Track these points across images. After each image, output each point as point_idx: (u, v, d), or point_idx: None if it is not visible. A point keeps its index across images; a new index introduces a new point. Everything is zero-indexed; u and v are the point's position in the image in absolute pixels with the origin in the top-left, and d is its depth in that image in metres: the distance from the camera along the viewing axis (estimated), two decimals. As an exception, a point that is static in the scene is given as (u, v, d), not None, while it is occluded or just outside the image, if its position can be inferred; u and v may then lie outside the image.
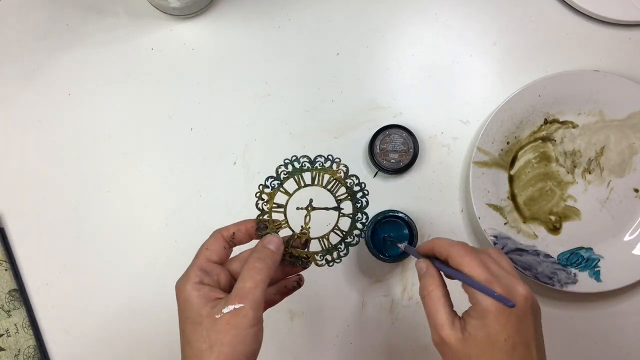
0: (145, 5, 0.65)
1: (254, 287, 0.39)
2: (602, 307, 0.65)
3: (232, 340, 0.38)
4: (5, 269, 0.63)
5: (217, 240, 0.44)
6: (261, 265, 0.41)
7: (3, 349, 0.62)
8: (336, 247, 0.46)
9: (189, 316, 0.40)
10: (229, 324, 0.38)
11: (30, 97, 0.65)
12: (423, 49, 0.66)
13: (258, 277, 0.40)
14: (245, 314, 0.38)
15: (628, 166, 0.64)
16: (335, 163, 0.45)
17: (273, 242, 0.43)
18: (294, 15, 0.66)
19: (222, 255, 0.44)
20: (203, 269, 0.42)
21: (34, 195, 0.64)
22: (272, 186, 0.46)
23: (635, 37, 0.66)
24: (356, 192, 0.46)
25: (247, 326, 0.38)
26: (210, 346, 0.38)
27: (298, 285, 0.48)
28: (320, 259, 0.46)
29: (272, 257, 0.42)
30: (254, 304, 0.39)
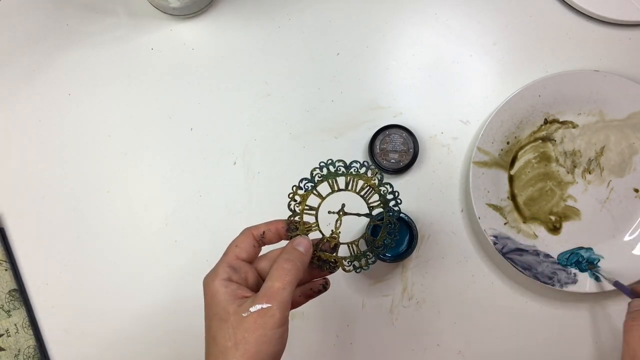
0: (145, 5, 0.65)
1: (282, 287, 0.40)
2: (602, 307, 0.65)
3: (258, 340, 0.38)
4: (5, 269, 0.63)
5: (247, 238, 0.44)
6: (290, 267, 0.41)
7: (3, 349, 0.62)
8: (365, 254, 0.46)
9: (215, 312, 0.40)
10: (255, 323, 0.38)
11: (30, 97, 0.65)
12: (423, 49, 0.66)
13: (287, 278, 0.40)
14: (273, 314, 0.39)
15: (628, 166, 0.64)
16: (371, 170, 0.45)
17: (303, 244, 0.43)
18: (294, 15, 0.66)
19: (251, 253, 0.44)
20: (232, 265, 0.42)
21: (34, 195, 0.64)
22: (306, 188, 0.45)
23: (635, 37, 0.66)
24: (389, 201, 0.46)
25: (273, 326, 0.38)
26: (236, 344, 0.38)
27: (324, 289, 0.47)
28: (348, 265, 0.45)
29: (301, 259, 0.42)
30: (281, 304, 0.39)
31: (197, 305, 0.51)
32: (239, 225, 0.65)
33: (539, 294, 0.65)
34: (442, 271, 0.64)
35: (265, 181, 0.65)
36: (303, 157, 0.65)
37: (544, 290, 0.64)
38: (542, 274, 0.62)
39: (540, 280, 0.61)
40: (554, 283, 0.62)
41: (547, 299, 0.65)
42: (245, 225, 0.49)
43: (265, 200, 0.65)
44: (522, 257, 0.62)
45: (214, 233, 0.64)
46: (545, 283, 0.61)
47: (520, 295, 0.65)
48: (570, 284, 0.62)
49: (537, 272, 0.62)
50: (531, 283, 0.63)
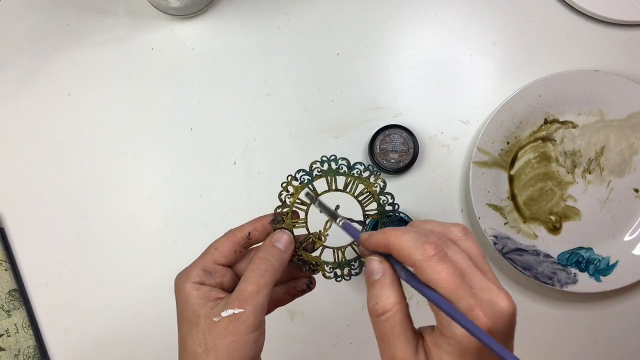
0: (145, 5, 0.65)
1: (257, 291, 0.37)
2: (602, 307, 0.65)
3: (229, 346, 0.36)
4: (5, 269, 0.63)
5: (228, 242, 0.41)
6: (266, 267, 0.38)
7: (3, 349, 0.62)
8: (349, 263, 0.42)
9: (186, 317, 0.38)
10: (227, 329, 0.36)
11: (30, 97, 0.65)
12: (423, 49, 0.66)
13: (262, 280, 0.37)
14: (245, 319, 0.36)
15: (628, 166, 0.64)
16: (374, 175, 0.42)
17: (282, 240, 0.40)
18: (294, 15, 0.66)
19: (230, 259, 0.40)
20: (206, 269, 0.39)
21: (34, 195, 0.64)
22: (302, 180, 0.42)
23: (635, 37, 0.66)
24: (386, 212, 0.42)
25: (247, 332, 0.36)
26: (207, 350, 0.36)
27: (308, 288, 0.44)
28: (330, 271, 0.42)
29: (279, 257, 0.39)
30: (255, 308, 0.36)
31: (197, 305, 0.51)
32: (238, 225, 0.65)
33: (539, 294, 0.65)
34: (442, 271, 0.64)
35: (265, 181, 0.65)
36: (303, 157, 0.65)
37: (544, 290, 0.64)
38: (542, 274, 0.62)
39: (540, 280, 0.61)
40: (554, 283, 0.62)
41: (547, 299, 0.65)
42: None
43: (265, 200, 0.65)
44: (522, 257, 0.62)
45: (214, 233, 0.64)
46: (545, 283, 0.61)
47: (520, 295, 0.65)
48: (570, 284, 0.62)
49: (537, 272, 0.62)
50: (531, 283, 0.63)
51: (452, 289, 0.31)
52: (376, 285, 0.35)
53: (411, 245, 0.32)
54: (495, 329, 0.31)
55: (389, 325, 0.34)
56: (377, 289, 0.34)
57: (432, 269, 0.31)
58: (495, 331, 0.31)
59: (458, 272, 0.32)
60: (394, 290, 0.34)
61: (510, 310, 0.32)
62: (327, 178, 0.42)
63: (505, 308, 0.31)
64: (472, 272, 0.33)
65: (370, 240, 0.35)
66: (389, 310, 0.34)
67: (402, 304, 0.34)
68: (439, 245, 0.32)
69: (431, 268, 0.31)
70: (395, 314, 0.33)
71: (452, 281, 0.31)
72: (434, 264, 0.31)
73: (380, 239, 0.34)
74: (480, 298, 0.31)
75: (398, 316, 0.33)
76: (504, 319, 0.31)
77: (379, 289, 0.34)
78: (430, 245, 0.32)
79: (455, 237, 0.35)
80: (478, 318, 0.30)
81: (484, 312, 0.30)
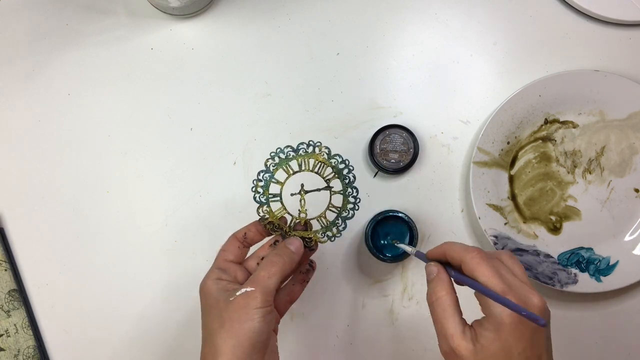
0: (145, 5, 0.65)
1: (267, 276, 0.44)
2: (602, 307, 0.65)
3: (240, 317, 0.42)
4: (5, 269, 0.63)
5: (232, 242, 0.49)
6: (277, 260, 0.45)
7: (3, 349, 0.62)
8: (334, 223, 0.49)
9: (207, 303, 0.45)
10: (239, 304, 0.42)
11: (30, 97, 0.65)
12: (423, 49, 0.66)
13: (273, 268, 0.44)
14: (255, 296, 0.42)
15: (628, 166, 0.64)
16: (317, 147, 0.49)
17: (294, 244, 0.47)
18: (294, 15, 0.66)
19: (237, 254, 0.49)
20: (221, 267, 0.47)
21: (34, 195, 0.64)
22: (265, 179, 0.49)
23: (635, 37, 0.66)
24: (342, 170, 0.49)
25: (255, 306, 0.42)
26: (222, 323, 0.42)
27: (311, 267, 0.51)
28: (322, 236, 0.49)
29: (290, 255, 0.46)
30: (264, 289, 0.43)
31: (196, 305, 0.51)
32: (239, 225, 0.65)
33: (539, 294, 0.65)
34: (442, 271, 0.64)
35: (265, 181, 0.65)
36: (303, 157, 0.65)
37: (544, 290, 0.64)
38: (542, 274, 0.62)
39: (540, 280, 0.61)
40: (554, 283, 0.62)
41: (547, 299, 0.64)
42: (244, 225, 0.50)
43: (265, 200, 0.65)
44: (522, 257, 0.62)
45: (214, 233, 0.64)
46: (545, 283, 0.61)
47: (521, 295, 0.65)
48: (570, 284, 0.62)
49: (537, 272, 0.62)
50: (531, 283, 0.63)
51: (489, 277, 0.41)
52: (432, 282, 0.45)
53: (460, 249, 0.44)
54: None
55: (441, 309, 0.43)
56: (432, 284, 0.45)
57: (475, 263, 0.42)
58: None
59: (496, 270, 0.42)
60: (444, 283, 0.44)
61: (541, 304, 0.41)
62: (282, 167, 0.49)
63: (537, 302, 0.41)
64: (511, 277, 0.42)
65: (432, 252, 0.47)
66: (440, 297, 0.43)
67: (451, 295, 0.43)
68: (481, 251, 0.43)
69: (474, 263, 0.42)
70: (444, 300, 0.43)
71: (489, 272, 0.41)
72: (477, 260, 0.42)
73: (438, 249, 0.46)
74: (515, 289, 0.41)
75: (447, 301, 0.43)
76: (534, 309, 0.41)
77: (434, 283, 0.44)
78: (474, 249, 0.43)
79: (501, 258, 0.45)
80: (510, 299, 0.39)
81: (516, 298, 0.40)
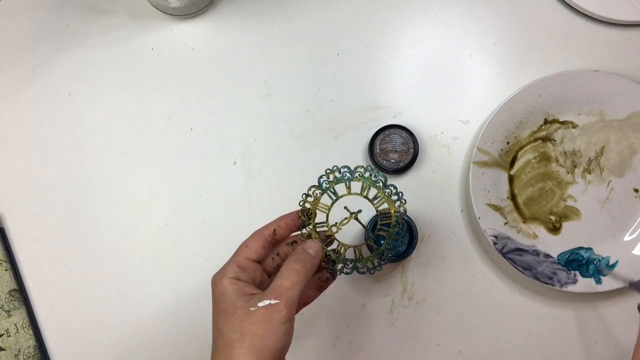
0: (145, 5, 0.65)
1: (291, 286, 0.41)
2: (602, 307, 0.65)
3: (264, 333, 0.39)
4: (5, 269, 0.63)
5: (258, 240, 0.46)
6: (300, 267, 0.42)
7: (3, 349, 0.62)
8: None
9: (222, 307, 0.42)
10: (262, 317, 0.40)
11: (30, 97, 0.65)
12: (423, 49, 0.66)
13: (296, 277, 0.42)
14: (280, 310, 0.40)
15: (628, 166, 0.64)
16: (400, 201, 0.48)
17: (313, 247, 0.45)
18: (294, 15, 0.66)
19: (260, 254, 0.45)
20: (241, 265, 0.44)
21: (34, 195, 0.64)
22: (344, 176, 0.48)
23: (635, 37, 0.66)
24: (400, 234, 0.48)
25: (280, 322, 0.40)
26: (242, 336, 0.40)
27: (332, 276, 0.49)
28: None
29: (311, 261, 0.44)
30: (289, 301, 0.41)
31: (196, 305, 0.51)
32: (239, 225, 0.65)
33: (539, 294, 0.65)
34: (442, 271, 0.64)
35: (265, 181, 0.65)
36: (303, 157, 0.65)
37: (544, 290, 0.64)
38: (542, 274, 0.62)
39: (540, 280, 0.61)
40: (554, 283, 0.62)
41: (547, 299, 0.65)
42: (244, 225, 0.50)
43: (265, 200, 0.65)
44: (522, 257, 0.62)
45: (214, 233, 0.64)
46: (545, 283, 0.61)
47: (520, 295, 0.65)
48: (570, 284, 0.62)
49: (537, 272, 0.62)
50: (531, 283, 0.63)
51: None
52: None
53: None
54: None
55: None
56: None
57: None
58: None
59: None
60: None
61: None
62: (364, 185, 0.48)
63: None
64: None
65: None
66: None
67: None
68: None
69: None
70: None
71: None
72: None
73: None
74: None
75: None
76: None
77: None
78: None
79: None
80: None
81: None
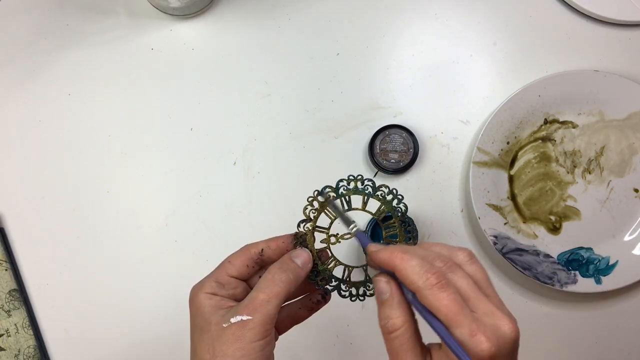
0: (145, 5, 0.65)
1: (267, 300, 0.37)
2: (602, 307, 0.65)
3: (235, 353, 0.36)
4: (5, 269, 0.63)
5: (242, 256, 0.41)
6: (280, 277, 0.38)
7: (3, 349, 0.62)
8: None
9: (197, 323, 0.39)
10: (234, 335, 0.36)
11: (30, 97, 0.65)
12: (423, 49, 0.66)
13: (274, 289, 0.37)
14: (253, 327, 0.36)
15: (628, 166, 0.64)
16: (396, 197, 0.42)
17: (301, 257, 0.40)
18: (294, 15, 0.66)
19: (242, 272, 0.41)
20: (220, 281, 0.40)
21: (34, 195, 0.64)
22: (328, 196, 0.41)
23: (635, 37, 0.66)
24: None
25: (252, 339, 0.36)
26: (214, 356, 0.36)
27: (324, 299, 0.43)
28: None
29: (296, 271, 0.39)
30: (263, 317, 0.37)
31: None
32: (239, 225, 0.65)
33: (539, 294, 0.65)
34: (442, 271, 0.64)
35: (265, 181, 0.65)
36: (303, 157, 0.65)
37: (544, 290, 0.64)
38: (542, 274, 0.62)
39: (540, 280, 0.61)
40: (554, 283, 0.62)
41: (547, 299, 0.65)
42: (244, 225, 0.49)
43: (265, 200, 0.65)
44: (522, 257, 0.62)
45: (214, 233, 0.64)
46: (545, 283, 0.61)
47: (520, 295, 0.65)
48: (570, 284, 0.62)
49: (537, 272, 0.62)
50: (531, 283, 0.63)
51: (453, 315, 0.32)
52: (385, 305, 0.36)
53: (415, 273, 0.34)
54: (499, 354, 0.31)
55: (399, 342, 0.35)
56: (386, 309, 0.36)
57: (434, 296, 0.33)
58: (498, 356, 0.31)
59: (460, 299, 0.33)
60: (402, 309, 0.35)
61: (514, 334, 0.32)
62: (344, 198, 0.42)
63: (509, 332, 0.32)
64: (476, 296, 0.34)
65: (377, 256, 0.36)
66: (398, 329, 0.35)
67: (410, 322, 0.35)
68: (441, 273, 0.33)
69: (433, 295, 0.33)
70: (404, 332, 0.35)
71: (453, 308, 0.32)
72: (436, 292, 0.33)
73: (387, 259, 0.35)
74: (483, 322, 0.32)
75: (407, 334, 0.35)
76: (507, 343, 0.32)
77: (388, 309, 0.35)
78: (433, 274, 0.33)
79: (461, 261, 0.36)
80: (481, 343, 0.31)
81: (487, 337, 0.31)
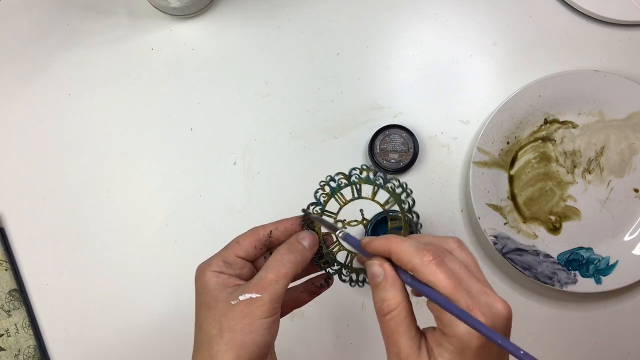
0: (145, 5, 0.65)
1: (276, 279, 0.38)
2: (602, 307, 0.65)
3: (243, 328, 0.37)
4: (5, 269, 0.63)
5: (250, 237, 0.42)
6: (289, 258, 0.39)
7: (3, 349, 0.62)
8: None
9: (204, 300, 0.39)
10: (242, 311, 0.37)
11: (30, 97, 0.65)
12: (423, 49, 0.66)
13: (282, 270, 0.38)
14: (262, 304, 0.37)
15: (628, 166, 0.64)
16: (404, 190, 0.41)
17: (307, 239, 0.41)
18: (294, 15, 0.66)
19: (250, 253, 0.42)
20: (226, 260, 0.41)
21: (34, 195, 0.64)
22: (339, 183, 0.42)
23: (635, 37, 0.66)
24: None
25: (261, 316, 0.37)
26: (221, 332, 0.37)
27: (326, 283, 0.45)
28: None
29: (303, 253, 0.40)
30: (272, 296, 0.38)
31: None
32: (239, 225, 0.65)
33: (539, 294, 0.65)
34: (442, 271, 0.64)
35: (265, 181, 0.65)
36: (303, 157, 0.65)
37: (544, 290, 0.64)
38: (542, 274, 0.62)
39: (540, 280, 0.61)
40: (554, 283, 0.62)
41: (547, 299, 0.65)
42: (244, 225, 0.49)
43: (265, 200, 0.65)
44: (522, 257, 0.62)
45: (214, 233, 0.64)
46: (545, 283, 0.61)
47: (520, 295, 0.65)
48: (570, 284, 0.62)
49: (537, 272, 0.62)
50: (531, 283, 0.63)
51: (451, 289, 0.33)
52: (379, 287, 0.36)
53: (411, 252, 0.35)
54: (494, 329, 0.32)
55: (394, 324, 0.35)
56: (380, 291, 0.36)
57: (431, 272, 0.34)
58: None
59: (455, 277, 0.34)
60: (396, 290, 0.36)
61: (507, 312, 0.34)
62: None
63: (502, 310, 0.33)
64: (468, 277, 0.35)
65: (371, 244, 0.37)
66: (393, 310, 0.35)
67: (405, 303, 0.36)
68: (436, 252, 0.34)
69: (430, 271, 0.34)
70: (399, 312, 0.35)
71: (450, 283, 0.33)
72: (433, 268, 0.34)
73: (381, 244, 0.37)
74: (478, 300, 0.33)
75: (402, 315, 0.35)
76: (501, 320, 0.33)
77: (383, 291, 0.36)
78: (428, 251, 0.34)
79: (451, 248, 0.37)
80: (477, 317, 0.32)
81: (483, 312, 0.32)
